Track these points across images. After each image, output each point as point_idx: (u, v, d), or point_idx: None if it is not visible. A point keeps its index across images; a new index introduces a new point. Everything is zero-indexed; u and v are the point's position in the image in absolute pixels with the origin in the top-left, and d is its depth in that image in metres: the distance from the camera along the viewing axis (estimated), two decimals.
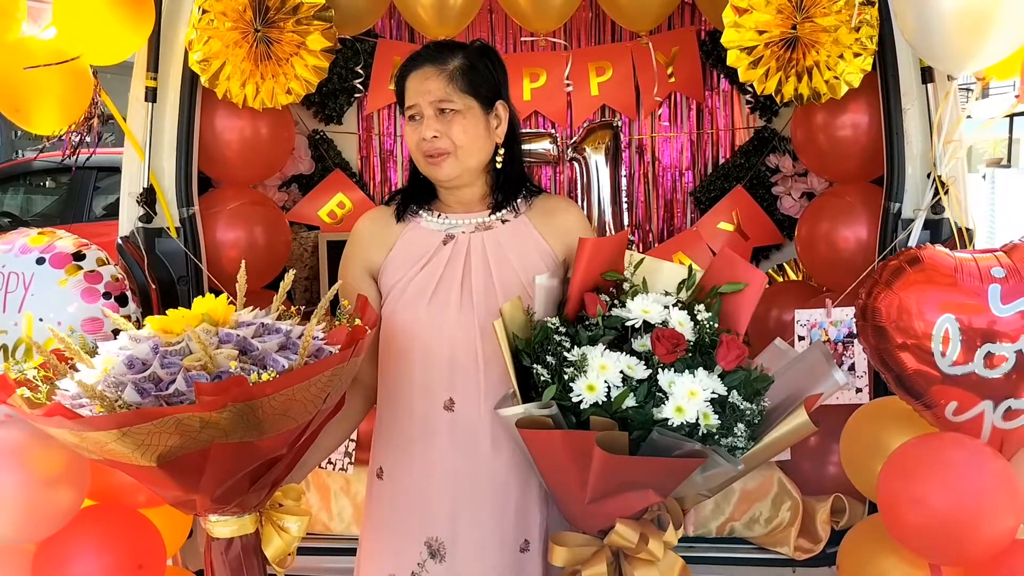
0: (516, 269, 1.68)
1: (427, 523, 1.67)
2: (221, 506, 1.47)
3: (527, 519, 1.70)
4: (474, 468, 1.66)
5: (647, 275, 1.59)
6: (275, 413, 1.35)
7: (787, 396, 1.54)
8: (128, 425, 1.27)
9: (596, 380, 1.40)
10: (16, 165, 8.62)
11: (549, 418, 1.43)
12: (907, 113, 2.23)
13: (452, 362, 1.66)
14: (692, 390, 1.39)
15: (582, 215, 1.84)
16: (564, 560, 1.55)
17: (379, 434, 1.76)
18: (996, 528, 1.67)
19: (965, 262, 1.71)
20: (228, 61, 2.28)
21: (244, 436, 1.34)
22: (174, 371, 1.32)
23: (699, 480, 1.49)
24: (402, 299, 1.68)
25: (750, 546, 2.53)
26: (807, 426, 1.48)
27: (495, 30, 3.18)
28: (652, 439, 1.39)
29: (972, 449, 1.70)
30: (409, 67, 1.71)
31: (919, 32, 1.88)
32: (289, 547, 1.58)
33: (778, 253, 3.12)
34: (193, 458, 1.34)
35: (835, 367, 1.55)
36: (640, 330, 1.48)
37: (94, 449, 1.35)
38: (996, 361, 1.66)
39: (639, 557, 1.49)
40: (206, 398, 1.27)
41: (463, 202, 1.75)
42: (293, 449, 1.50)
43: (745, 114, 3.12)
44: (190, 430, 1.30)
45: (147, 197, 2.33)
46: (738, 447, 1.42)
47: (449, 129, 1.66)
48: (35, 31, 2.22)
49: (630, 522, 1.48)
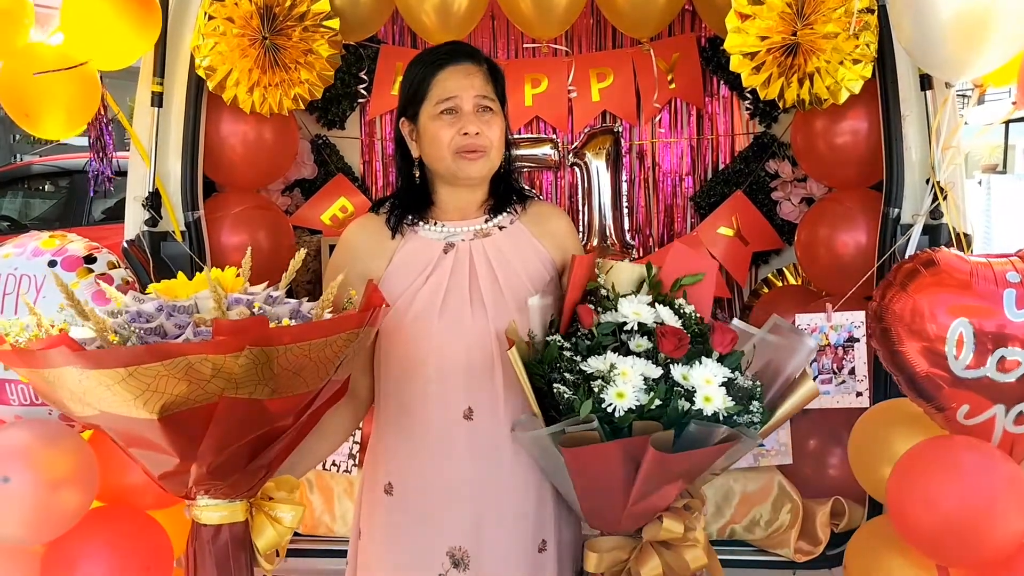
0: (520, 274, 1.69)
1: (449, 533, 1.65)
2: (215, 482, 1.41)
3: (544, 520, 1.70)
4: (496, 474, 1.65)
5: (614, 279, 1.66)
6: (289, 369, 1.31)
7: (763, 367, 1.63)
8: (138, 363, 1.21)
9: (624, 387, 1.44)
10: (15, 169, 8.62)
11: (594, 431, 1.45)
12: (906, 120, 2.25)
13: (469, 371, 1.64)
14: (707, 378, 1.46)
15: (571, 221, 1.87)
16: (602, 566, 1.58)
17: (388, 448, 1.72)
18: (1005, 531, 1.68)
19: (980, 266, 1.72)
20: (235, 67, 2.29)
21: (254, 392, 1.29)
22: (182, 324, 1.28)
23: (719, 461, 1.56)
24: (410, 311, 1.65)
25: (750, 548, 2.55)
26: (813, 390, 1.63)
27: (497, 36, 3.19)
28: (689, 431, 1.44)
29: (983, 452, 1.71)
30: (444, 60, 1.68)
31: (916, 40, 1.90)
32: (282, 538, 1.51)
33: (778, 258, 3.14)
34: (197, 414, 1.29)
35: (804, 334, 1.65)
36: (635, 332, 1.54)
37: (92, 397, 1.27)
38: (1009, 365, 1.67)
39: (684, 544, 1.56)
40: (225, 338, 1.23)
41: (461, 208, 1.74)
42: (296, 425, 1.45)
43: (745, 120, 3.14)
44: (200, 378, 1.25)
45: (153, 201, 2.35)
46: (755, 423, 1.51)
47: (489, 128, 1.66)
48: (43, 37, 2.24)
49: (672, 514, 1.55)
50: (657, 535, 1.56)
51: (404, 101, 1.73)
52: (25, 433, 1.88)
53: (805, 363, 1.64)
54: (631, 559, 1.59)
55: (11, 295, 1.94)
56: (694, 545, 1.57)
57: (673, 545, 1.58)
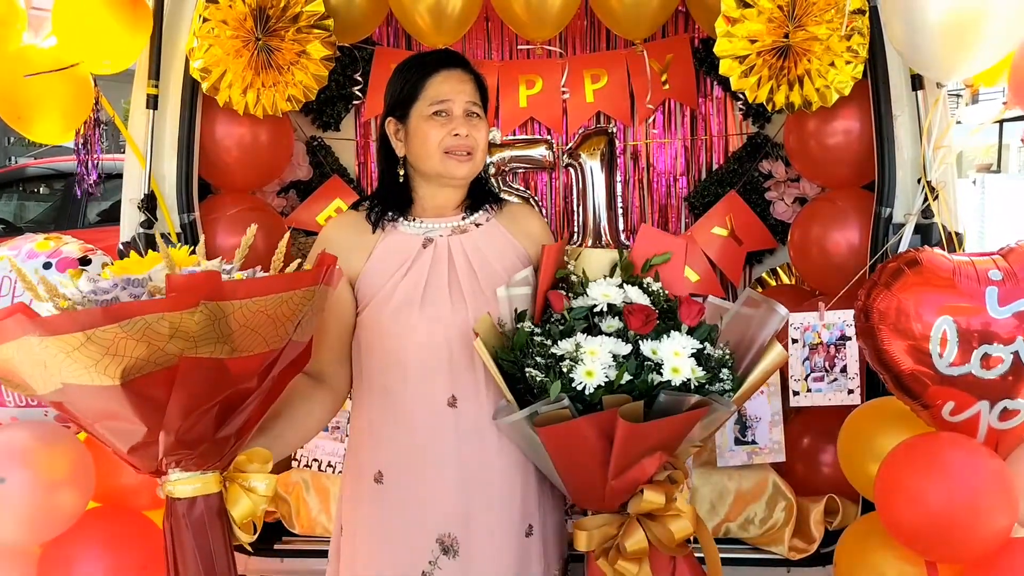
0: (497, 268, 1.75)
1: (438, 521, 1.69)
2: (185, 452, 1.41)
3: (530, 505, 1.75)
4: (483, 461, 1.70)
5: (584, 265, 1.74)
6: (246, 326, 1.33)
7: (739, 339, 1.69)
8: (95, 326, 1.23)
9: (592, 365, 1.49)
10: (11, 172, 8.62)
11: (566, 410, 1.50)
12: (898, 120, 2.27)
13: (451, 361, 1.69)
14: (675, 351, 1.52)
15: (544, 220, 1.98)
16: (591, 543, 1.62)
17: (374, 439, 1.75)
18: (991, 526, 1.70)
19: (963, 265, 1.74)
20: (229, 69, 2.30)
21: (213, 350, 1.31)
22: (138, 293, 1.30)
23: (697, 430, 1.61)
24: (389, 304, 1.70)
25: (745, 546, 2.55)
26: (782, 355, 1.69)
27: (491, 38, 3.20)
28: (660, 402, 1.50)
29: (968, 449, 1.73)
30: (438, 65, 1.76)
31: (907, 41, 1.92)
32: (256, 507, 1.50)
33: (771, 257, 3.15)
34: (159, 378, 1.30)
35: (776, 304, 1.69)
36: (605, 313, 1.60)
37: (54, 367, 1.28)
38: (992, 362, 1.69)
39: (668, 515, 1.60)
40: (178, 294, 1.25)
41: (440, 206, 1.79)
42: (260, 389, 1.45)
43: (738, 120, 3.16)
44: (159, 337, 1.26)
45: (148, 203, 2.35)
46: (727, 390, 1.57)
47: (476, 132, 1.74)
48: (36, 40, 2.25)
49: (654, 486, 1.58)
50: (640, 507, 1.59)
51: (394, 101, 1.78)
52: (22, 434, 1.89)
53: (777, 330, 1.69)
54: (619, 535, 1.62)
55: (5, 297, 1.94)
56: (678, 516, 1.60)
57: (658, 516, 1.62)
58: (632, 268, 1.73)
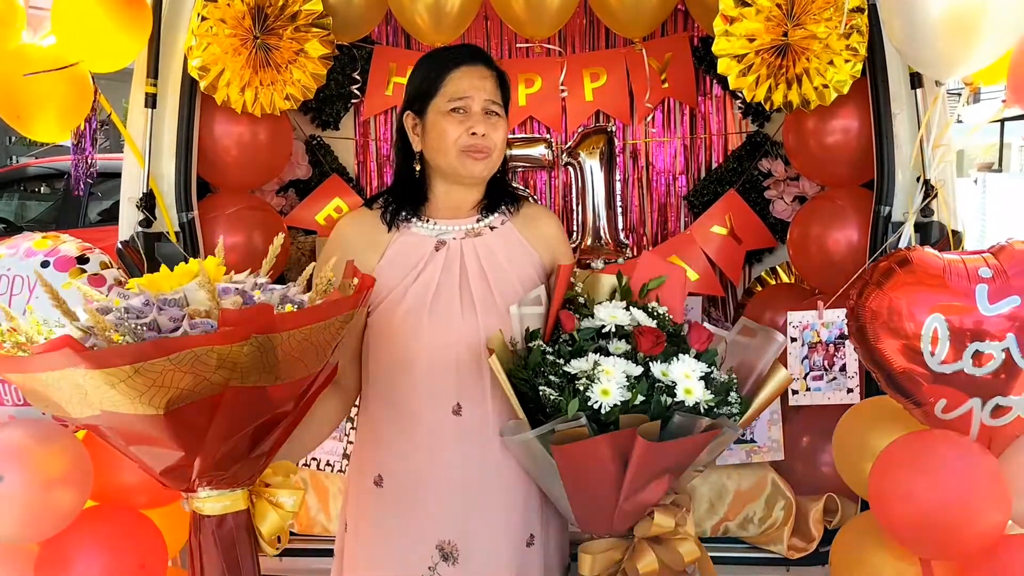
0: (510, 275, 1.72)
1: (438, 526, 1.68)
2: (217, 473, 1.41)
3: (531, 514, 1.73)
4: (485, 469, 1.68)
5: (589, 288, 1.74)
6: (291, 355, 1.32)
7: (737, 366, 1.70)
8: (145, 359, 1.19)
9: (608, 384, 1.49)
10: (11, 171, 8.62)
11: (583, 428, 1.49)
12: (897, 118, 2.26)
13: (458, 367, 1.67)
14: (686, 372, 1.54)
15: (561, 224, 1.92)
16: (596, 568, 1.62)
17: (377, 441, 1.74)
18: (984, 523, 1.70)
19: (953, 263, 1.74)
20: (227, 67, 2.30)
21: (259, 380, 1.30)
22: (176, 317, 1.27)
23: (703, 454, 1.61)
24: (401, 306, 1.69)
25: (744, 545, 2.55)
26: (787, 378, 1.72)
27: (490, 36, 3.20)
28: (673, 423, 1.50)
29: (961, 446, 1.73)
30: (459, 60, 1.72)
31: (906, 39, 1.91)
32: (284, 522, 1.52)
33: (771, 256, 3.15)
34: (202, 406, 1.28)
35: (773, 332, 1.72)
36: (613, 335, 1.61)
37: (95, 397, 1.25)
38: (984, 360, 1.69)
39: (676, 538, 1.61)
40: (232, 328, 1.23)
41: (455, 206, 1.77)
42: (295, 409, 1.47)
43: (737, 119, 3.15)
44: (206, 369, 1.24)
45: (147, 202, 2.35)
46: (734, 413, 1.58)
47: (494, 131, 1.71)
48: (35, 39, 2.24)
49: (664, 509, 1.60)
50: (649, 531, 1.59)
51: (412, 94, 1.75)
52: (19, 433, 1.89)
53: (775, 358, 1.70)
54: (624, 559, 1.62)
55: (3, 296, 1.94)
56: (686, 539, 1.61)
57: (666, 540, 1.62)
58: (631, 293, 1.73)
